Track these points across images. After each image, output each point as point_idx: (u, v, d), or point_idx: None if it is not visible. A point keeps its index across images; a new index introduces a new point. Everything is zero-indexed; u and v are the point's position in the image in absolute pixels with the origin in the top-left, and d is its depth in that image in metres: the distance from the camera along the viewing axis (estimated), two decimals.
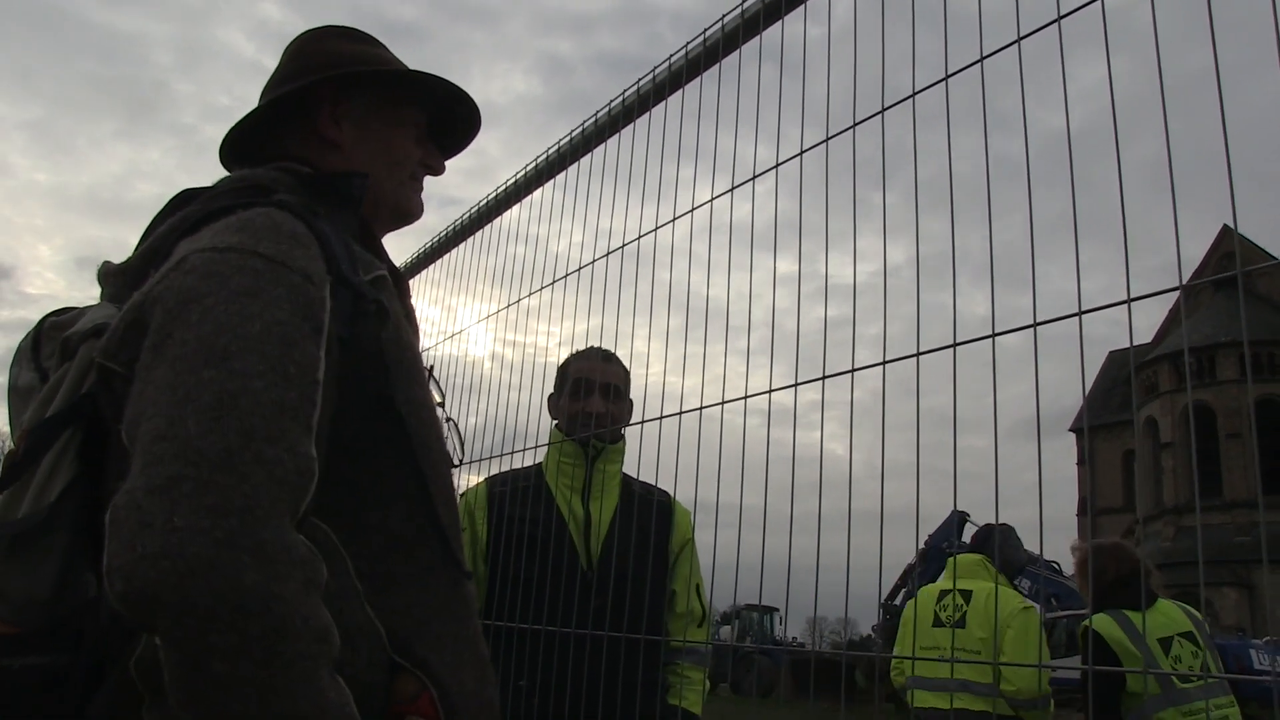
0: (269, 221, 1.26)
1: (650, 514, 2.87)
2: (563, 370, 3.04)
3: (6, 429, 1.38)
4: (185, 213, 1.36)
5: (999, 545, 4.89)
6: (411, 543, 1.32)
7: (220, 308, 1.15)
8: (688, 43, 2.39)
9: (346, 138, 1.56)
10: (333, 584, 1.15)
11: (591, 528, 2.84)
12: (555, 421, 3.02)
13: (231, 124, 1.57)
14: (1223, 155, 1.21)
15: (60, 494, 1.23)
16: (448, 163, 1.77)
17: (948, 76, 1.57)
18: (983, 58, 1.52)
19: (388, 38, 1.67)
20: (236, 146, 1.60)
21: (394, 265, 1.56)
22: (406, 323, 1.45)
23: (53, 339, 1.36)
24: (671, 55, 2.45)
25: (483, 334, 3.26)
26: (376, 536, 1.29)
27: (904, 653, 4.74)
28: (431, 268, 3.87)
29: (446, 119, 1.72)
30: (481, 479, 3.02)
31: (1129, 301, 1.32)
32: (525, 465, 2.96)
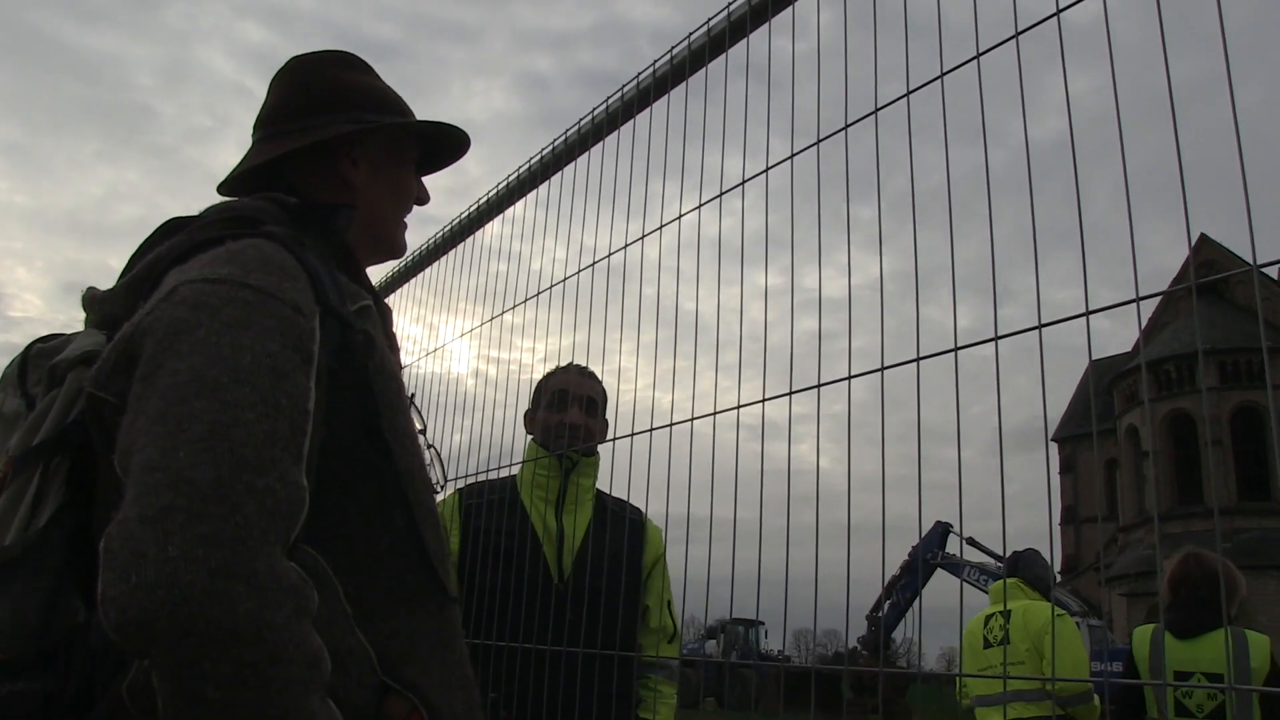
0: (258, 253, 1.28)
1: (623, 529, 2.87)
2: (540, 385, 3.06)
3: None
4: (173, 242, 1.38)
5: (1026, 564, 5.38)
6: (399, 569, 1.34)
7: (212, 339, 1.16)
8: (655, 60, 2.41)
9: (362, 177, 1.59)
10: (323, 609, 1.17)
11: (565, 541, 2.84)
12: (530, 436, 3.02)
13: (243, 159, 1.60)
14: (1204, 165, 1.23)
15: (48, 521, 1.23)
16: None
17: (909, 93, 1.59)
18: (943, 74, 1.54)
19: (367, 56, 1.69)
20: (239, 180, 1.61)
21: (377, 293, 1.56)
22: (389, 351, 1.47)
23: (39, 366, 1.37)
24: (640, 73, 2.48)
25: (465, 351, 3.26)
26: (365, 562, 1.31)
27: (976, 684, 5.37)
28: (411, 284, 3.87)
29: (430, 149, 1.76)
30: (453, 490, 3.02)
31: (1087, 314, 1.34)
32: (499, 477, 2.96)
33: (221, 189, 1.62)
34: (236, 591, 1.02)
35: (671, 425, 1.90)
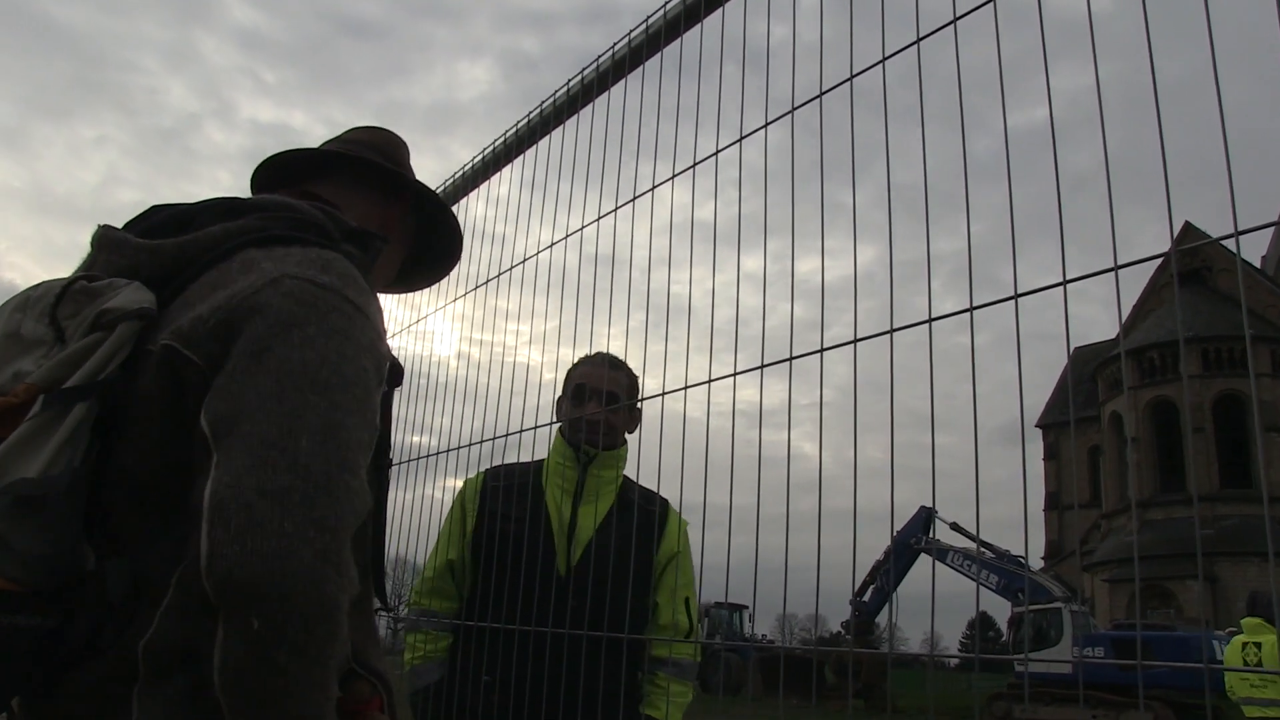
0: (348, 271, 1.42)
1: (640, 522, 2.83)
2: (568, 374, 3.06)
3: None
4: (245, 223, 1.46)
5: (1264, 604, 8.33)
6: (365, 572, 1.45)
7: (321, 340, 1.29)
8: (630, 31, 2.37)
9: (393, 231, 1.78)
10: None
11: (575, 532, 2.85)
12: (559, 425, 3.01)
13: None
14: (1188, 157, 1.19)
15: (75, 466, 1.25)
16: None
17: (884, 59, 1.55)
18: (919, 39, 1.51)
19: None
20: (284, 165, 1.76)
21: None
22: None
23: (78, 301, 1.36)
24: (615, 43, 2.44)
25: (449, 333, 3.24)
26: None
27: (1241, 687, 9.02)
28: None
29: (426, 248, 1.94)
30: (481, 470, 3.03)
31: (1064, 284, 1.31)
32: (525, 461, 2.92)
33: (260, 174, 1.78)
34: (328, 574, 1.16)
35: (641, 400, 1.86)
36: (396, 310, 3.42)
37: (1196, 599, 35.41)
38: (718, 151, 1.92)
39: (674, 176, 2.03)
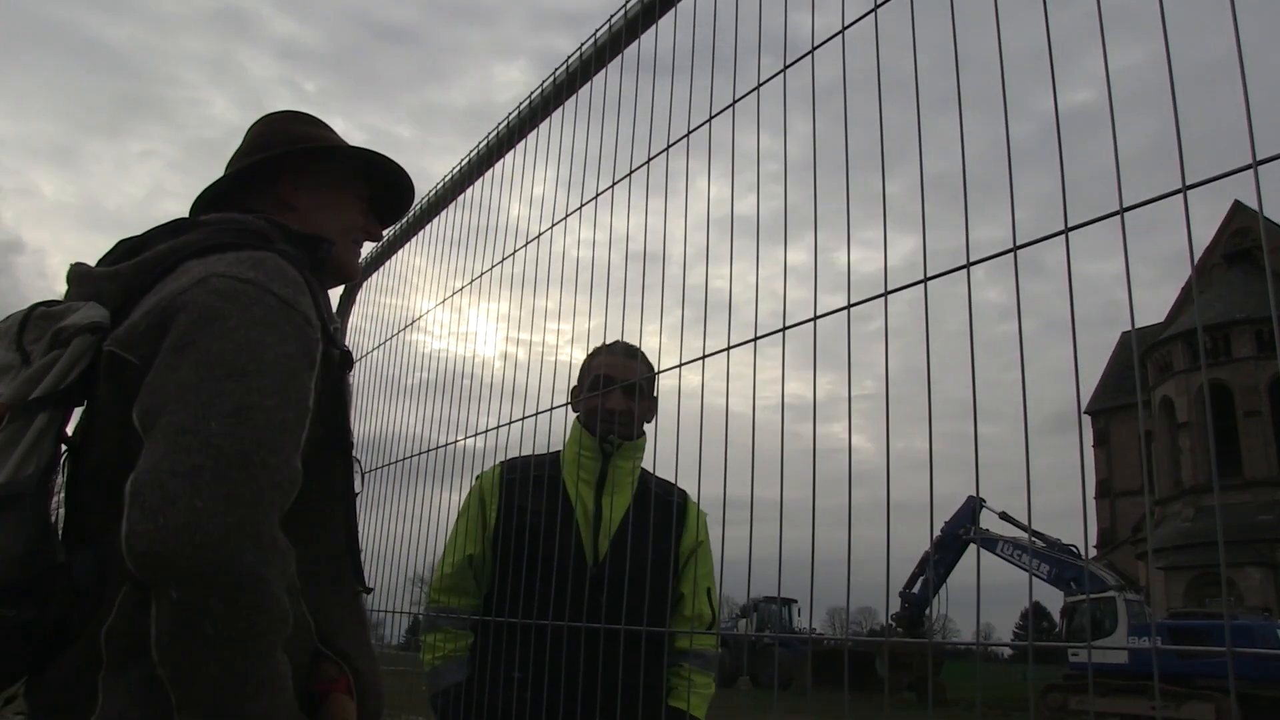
0: (278, 266, 1.49)
1: (663, 513, 2.81)
2: (585, 365, 3.00)
3: None
4: (189, 238, 1.57)
5: None
6: (336, 555, 1.58)
7: (241, 330, 1.37)
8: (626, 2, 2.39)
9: (302, 203, 1.79)
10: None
11: (601, 524, 2.80)
12: (577, 415, 2.96)
13: (209, 181, 1.82)
14: (1233, 134, 1.15)
15: (43, 468, 1.39)
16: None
17: (876, 7, 1.52)
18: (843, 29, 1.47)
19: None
20: (209, 200, 1.81)
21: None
22: None
23: (40, 326, 1.51)
24: (612, 15, 2.46)
25: (492, 334, 3.24)
26: (314, 546, 1.52)
27: None
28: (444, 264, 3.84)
29: (387, 193, 1.97)
30: (497, 463, 2.96)
31: (1066, 232, 1.26)
32: (541, 453, 2.85)
33: (193, 209, 1.82)
34: (245, 545, 1.22)
35: (674, 368, 1.83)
36: (440, 314, 3.43)
37: (1257, 586, 34.70)
38: (711, 118, 1.89)
39: (669, 148, 2.02)
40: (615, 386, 2.85)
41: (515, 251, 2.82)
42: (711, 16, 2.05)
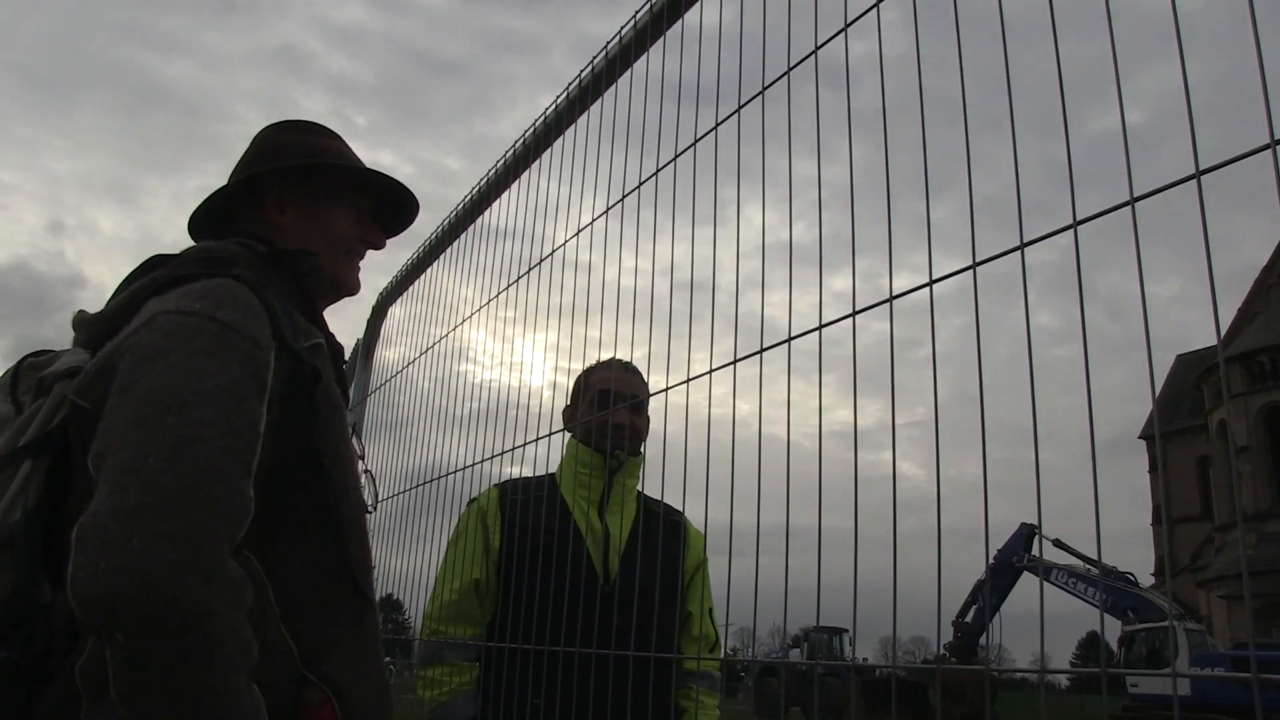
0: (228, 292, 1.47)
1: (667, 531, 2.73)
2: (580, 381, 2.93)
3: None
4: (155, 276, 1.57)
5: None
6: (324, 576, 1.53)
7: (182, 364, 1.36)
8: (636, 12, 2.41)
9: (288, 220, 1.77)
10: (254, 607, 1.36)
11: (611, 542, 2.72)
12: (571, 434, 2.90)
13: (200, 203, 1.82)
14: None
15: (31, 511, 1.41)
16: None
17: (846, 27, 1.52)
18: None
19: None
20: (201, 221, 1.83)
21: (332, 336, 1.77)
22: (336, 385, 1.67)
23: (29, 377, 1.56)
24: (624, 28, 2.47)
25: (540, 363, 3.23)
26: (295, 569, 1.49)
27: None
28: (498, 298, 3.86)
29: (392, 202, 1.94)
30: (492, 485, 2.89)
31: (1075, 225, 1.22)
32: (536, 475, 2.81)
33: (190, 231, 1.84)
34: (187, 581, 1.20)
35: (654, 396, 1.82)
36: (489, 343, 3.44)
37: None
38: (694, 143, 1.89)
39: (676, 158, 2.00)
40: (628, 403, 2.80)
41: (539, 263, 2.77)
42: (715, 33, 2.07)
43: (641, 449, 2.88)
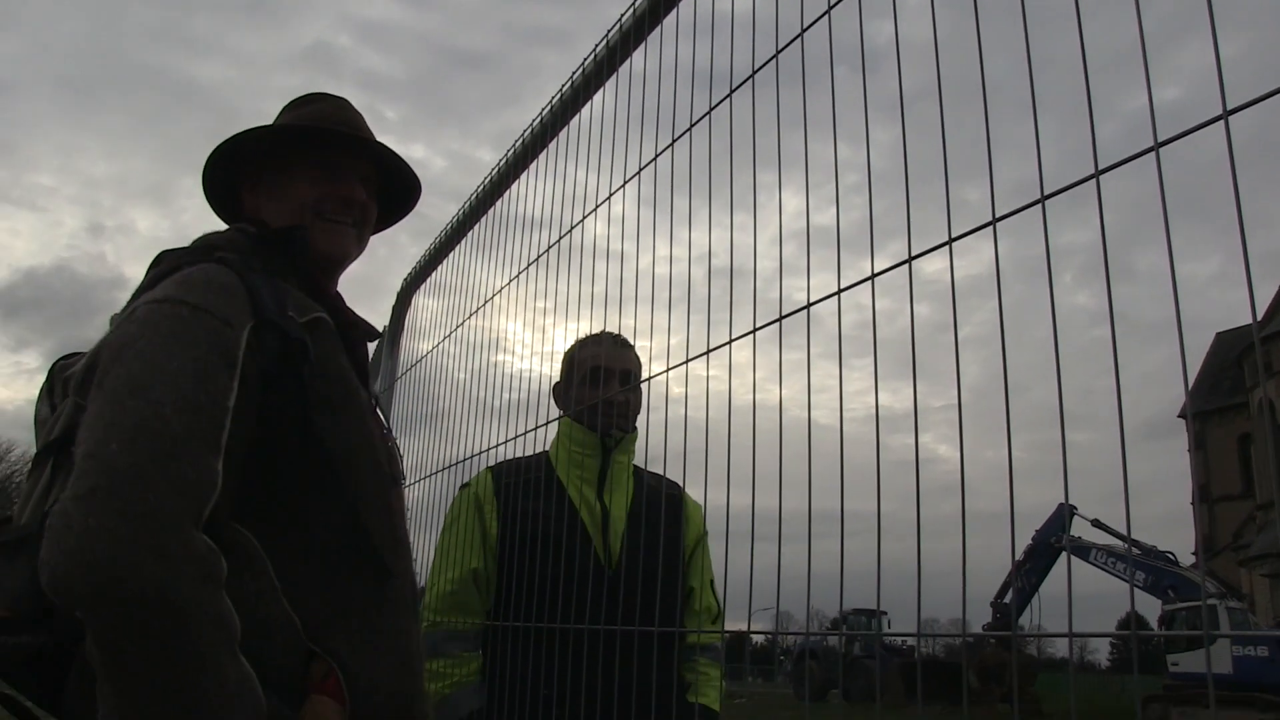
0: (203, 276, 1.50)
1: (666, 507, 2.63)
2: (570, 357, 2.85)
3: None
4: (155, 273, 1.60)
5: None
6: (332, 550, 1.53)
7: (148, 350, 1.38)
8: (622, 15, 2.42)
9: (262, 201, 1.81)
10: (253, 583, 1.41)
11: (611, 524, 2.66)
12: (561, 412, 2.82)
13: (212, 208, 1.90)
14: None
15: (48, 508, 1.43)
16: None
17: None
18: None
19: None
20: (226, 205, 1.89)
21: (346, 310, 1.79)
22: (345, 357, 1.67)
23: (60, 379, 1.64)
24: (608, 35, 2.48)
25: (561, 341, 3.15)
26: (297, 544, 1.49)
27: None
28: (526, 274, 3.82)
29: (393, 169, 1.92)
30: (485, 469, 2.82)
31: (1042, 200, 1.18)
32: (528, 454, 2.73)
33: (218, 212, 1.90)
34: (143, 559, 1.21)
35: (647, 379, 1.78)
36: (523, 333, 3.43)
37: None
38: (711, 110, 1.86)
39: (657, 156, 1.92)
40: (632, 386, 2.75)
41: (560, 239, 2.66)
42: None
43: (635, 424, 2.81)
